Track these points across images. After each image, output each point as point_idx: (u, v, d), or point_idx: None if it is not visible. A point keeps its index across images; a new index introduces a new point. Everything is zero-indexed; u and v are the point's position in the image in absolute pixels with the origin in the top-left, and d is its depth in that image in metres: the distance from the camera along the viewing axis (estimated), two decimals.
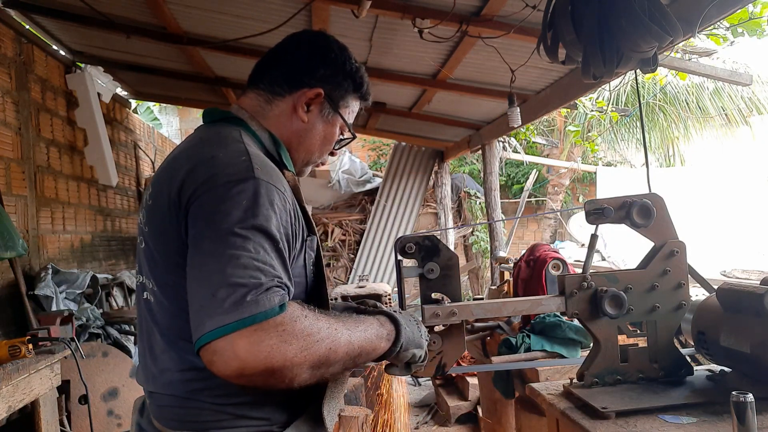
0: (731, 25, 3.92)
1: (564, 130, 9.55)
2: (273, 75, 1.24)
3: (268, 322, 0.91)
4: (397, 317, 1.15)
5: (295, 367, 0.93)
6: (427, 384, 5.60)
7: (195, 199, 1.02)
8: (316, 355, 0.95)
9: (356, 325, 1.06)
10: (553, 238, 10.04)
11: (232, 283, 0.92)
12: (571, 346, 2.21)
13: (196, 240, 0.99)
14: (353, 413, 3.15)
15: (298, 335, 0.93)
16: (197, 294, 0.96)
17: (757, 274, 4.86)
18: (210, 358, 0.92)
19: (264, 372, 0.91)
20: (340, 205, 8.59)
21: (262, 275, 0.94)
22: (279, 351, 0.91)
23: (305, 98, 1.22)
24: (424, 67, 4.40)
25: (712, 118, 9.48)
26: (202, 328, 0.92)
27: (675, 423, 1.18)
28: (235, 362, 0.90)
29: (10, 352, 2.35)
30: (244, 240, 0.95)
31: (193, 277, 0.98)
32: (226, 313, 0.90)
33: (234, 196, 0.98)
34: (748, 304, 1.22)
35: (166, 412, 1.10)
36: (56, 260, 4.45)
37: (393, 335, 1.12)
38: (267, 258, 0.97)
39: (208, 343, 0.91)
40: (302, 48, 1.27)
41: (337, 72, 1.26)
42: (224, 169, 1.03)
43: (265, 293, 0.93)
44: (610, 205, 1.43)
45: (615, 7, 1.86)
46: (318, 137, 1.27)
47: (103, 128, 5.11)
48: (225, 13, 3.86)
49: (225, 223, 0.96)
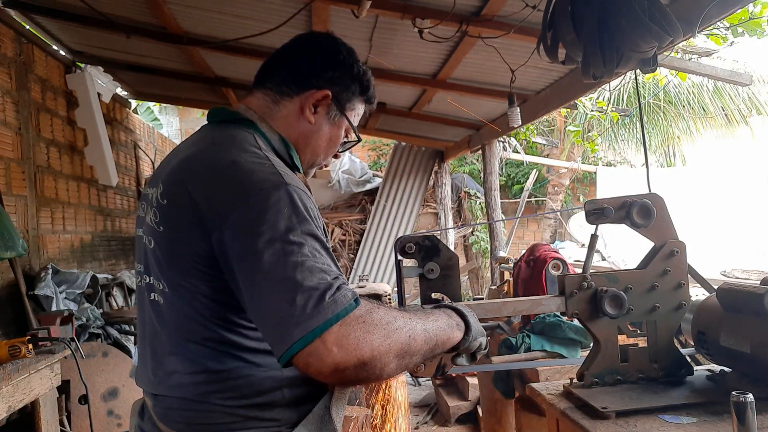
0: (731, 25, 3.92)
1: (564, 130, 9.55)
2: (281, 75, 1.24)
3: (349, 317, 0.94)
4: (461, 308, 1.17)
5: (382, 355, 0.96)
6: (427, 384, 5.60)
7: (231, 211, 1.01)
8: (398, 343, 0.98)
9: (427, 316, 1.08)
10: (553, 238, 10.04)
11: (306, 288, 0.94)
12: (571, 346, 2.21)
13: (248, 254, 0.98)
14: (353, 413, 3.15)
15: (378, 324, 0.97)
16: (271, 306, 0.96)
17: (757, 274, 4.86)
18: (306, 361, 0.93)
19: (357, 365, 0.93)
20: (340, 205, 8.59)
21: (328, 276, 0.97)
22: (366, 341, 0.94)
23: (313, 99, 1.22)
24: (424, 67, 4.40)
25: (712, 118, 9.48)
26: (290, 338, 0.93)
27: (675, 423, 1.18)
28: (330, 359, 0.92)
29: (10, 352, 2.35)
30: (300, 246, 0.97)
31: (257, 292, 0.98)
32: (311, 317, 0.92)
33: (274, 205, 0.99)
34: (748, 304, 1.22)
35: (174, 415, 1.10)
36: (56, 260, 4.45)
37: (463, 325, 1.14)
38: (324, 259, 0.99)
39: (301, 349, 0.92)
40: (311, 49, 1.27)
41: (345, 74, 1.26)
42: (251, 176, 1.03)
43: (338, 292, 0.95)
44: (610, 205, 1.43)
45: (615, 7, 1.86)
46: (324, 139, 1.27)
47: (103, 128, 5.10)
48: (225, 13, 3.86)
49: (276, 234, 0.97)
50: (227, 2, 3.67)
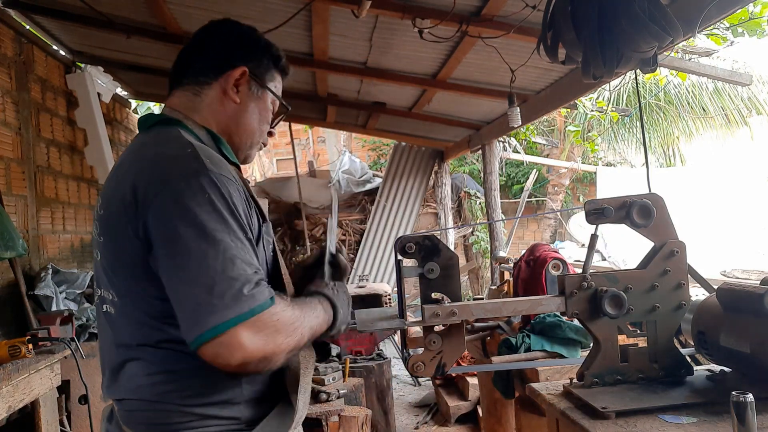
0: (731, 25, 3.92)
1: (564, 130, 9.55)
2: (195, 68, 1.25)
3: (264, 314, 0.98)
4: (335, 302, 1.21)
5: (282, 353, 1.01)
6: (427, 384, 5.60)
7: (153, 197, 1.02)
8: (294, 342, 1.04)
9: (312, 311, 1.13)
10: (553, 238, 10.04)
11: (226, 278, 0.96)
12: (571, 346, 2.21)
13: (170, 240, 1.00)
14: (353, 413, 3.15)
15: (285, 324, 1.01)
16: (189, 292, 0.98)
17: (757, 274, 4.86)
18: (216, 350, 0.95)
19: (261, 360, 0.98)
20: (340, 205, 8.59)
21: (248, 267, 1.00)
22: (272, 340, 0.99)
23: (232, 79, 1.23)
24: (424, 67, 4.40)
25: (712, 118, 9.48)
26: (204, 324, 0.95)
27: (675, 423, 1.18)
28: (240, 353, 0.95)
29: (10, 352, 2.35)
30: (221, 234, 0.99)
31: (177, 277, 0.99)
32: (228, 307, 0.95)
33: (196, 192, 1.00)
34: (748, 304, 1.22)
35: (135, 417, 1.12)
36: (56, 260, 4.45)
37: (331, 319, 1.19)
38: (245, 249, 1.02)
39: (214, 338, 0.95)
40: (216, 35, 1.29)
41: (254, 49, 1.29)
42: (174, 163, 1.05)
43: (256, 287, 0.99)
44: (610, 205, 1.43)
45: (615, 7, 1.86)
46: (254, 116, 1.28)
47: (103, 128, 5.10)
48: (225, 13, 3.83)
49: (198, 220, 0.99)
50: (227, 2, 3.67)
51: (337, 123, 7.12)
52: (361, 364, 3.90)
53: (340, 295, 1.24)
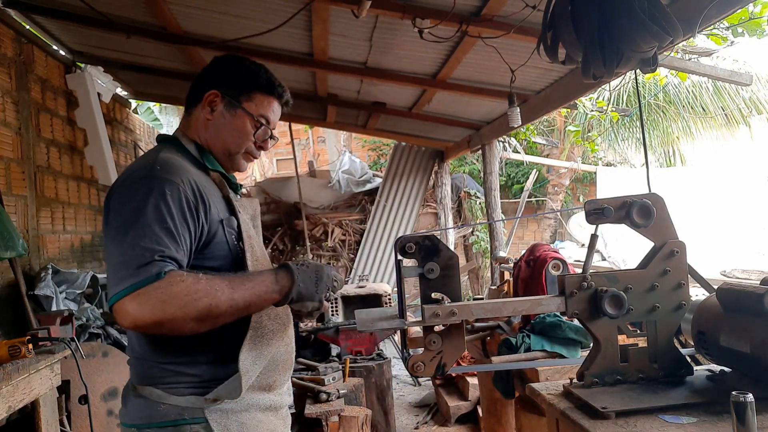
0: (731, 25, 3.92)
1: (564, 130, 9.55)
2: (190, 95, 1.55)
3: (148, 287, 1.19)
4: (295, 275, 1.32)
5: (177, 319, 1.20)
6: (427, 384, 5.60)
7: (109, 196, 1.34)
8: (196, 310, 1.21)
9: (243, 284, 1.28)
10: (553, 238, 10.04)
11: (125, 260, 1.22)
12: (571, 346, 2.21)
13: (105, 228, 1.31)
14: (353, 413, 3.15)
15: (176, 295, 1.20)
16: (108, 268, 1.27)
17: (757, 274, 4.86)
18: (115, 314, 1.22)
19: (154, 324, 1.20)
20: (340, 205, 8.59)
21: (148, 253, 1.22)
22: (161, 309, 1.19)
23: (206, 101, 1.50)
24: (424, 67, 4.40)
25: (712, 118, 9.47)
26: (110, 294, 1.23)
27: (675, 423, 1.18)
28: (129, 318, 1.19)
29: (10, 352, 2.34)
30: (135, 226, 1.24)
31: (107, 255, 1.30)
32: (118, 283, 1.21)
33: (136, 191, 1.28)
34: (748, 304, 1.22)
35: (134, 370, 1.42)
36: (56, 260, 4.45)
37: (285, 290, 1.31)
38: (155, 238, 1.24)
39: (112, 305, 1.22)
40: (206, 68, 1.57)
41: (231, 73, 1.52)
42: (133, 172, 1.35)
43: (146, 266, 1.20)
44: (610, 205, 1.43)
45: (615, 7, 1.86)
46: (227, 130, 1.50)
47: (103, 128, 5.10)
48: (225, 13, 3.86)
49: (123, 213, 1.27)
50: (227, 2, 3.67)
51: (337, 123, 7.12)
52: (361, 364, 3.89)
53: (303, 270, 1.34)
